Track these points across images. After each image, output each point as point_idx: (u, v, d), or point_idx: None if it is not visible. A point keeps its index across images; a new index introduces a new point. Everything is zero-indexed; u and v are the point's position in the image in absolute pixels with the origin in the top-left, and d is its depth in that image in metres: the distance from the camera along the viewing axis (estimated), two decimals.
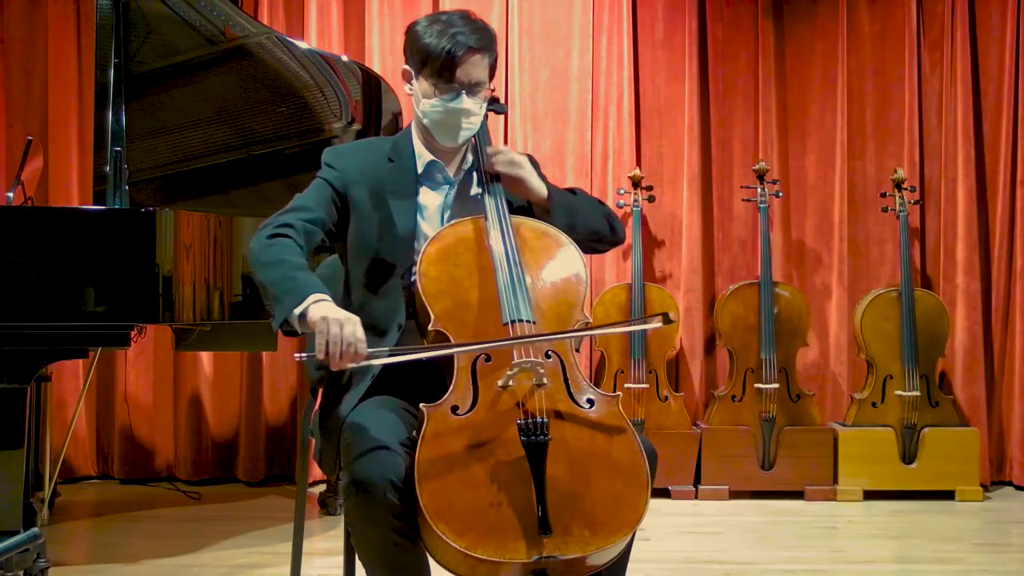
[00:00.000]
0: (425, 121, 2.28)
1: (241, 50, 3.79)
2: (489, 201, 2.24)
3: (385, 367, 2.19)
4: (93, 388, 4.81)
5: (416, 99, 2.29)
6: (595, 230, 2.35)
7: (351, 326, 1.95)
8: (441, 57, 2.19)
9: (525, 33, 4.86)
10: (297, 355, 2.01)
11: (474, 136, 2.33)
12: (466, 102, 2.23)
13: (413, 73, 2.28)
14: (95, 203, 3.39)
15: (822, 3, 4.95)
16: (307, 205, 2.24)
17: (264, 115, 3.90)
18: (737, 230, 4.95)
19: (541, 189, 2.29)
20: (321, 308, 1.98)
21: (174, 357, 4.79)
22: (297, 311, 1.99)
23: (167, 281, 3.07)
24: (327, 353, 1.94)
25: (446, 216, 2.31)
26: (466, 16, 2.26)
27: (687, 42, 4.89)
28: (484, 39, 2.23)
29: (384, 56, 4.79)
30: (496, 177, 2.28)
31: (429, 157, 2.31)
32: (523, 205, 2.34)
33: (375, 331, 2.22)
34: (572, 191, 2.40)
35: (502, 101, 2.63)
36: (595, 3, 4.87)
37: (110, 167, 3.38)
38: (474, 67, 2.21)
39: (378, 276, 2.25)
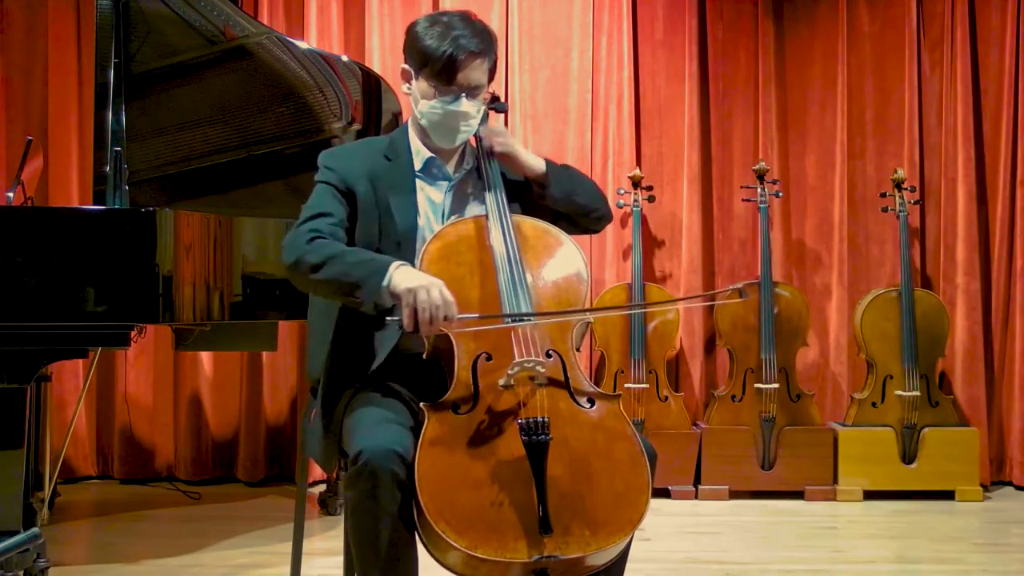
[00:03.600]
0: (423, 122, 2.28)
1: (241, 50, 3.79)
2: (490, 199, 2.24)
3: (381, 367, 2.20)
4: (93, 388, 4.80)
5: (414, 99, 2.29)
6: (591, 198, 2.36)
7: (436, 290, 1.97)
8: (442, 60, 2.19)
9: (525, 34, 4.85)
10: (388, 318, 2.01)
11: (474, 135, 2.33)
12: (465, 105, 2.23)
13: (412, 73, 2.28)
14: (95, 203, 3.39)
15: (822, 3, 4.94)
16: (324, 210, 2.22)
17: (264, 115, 3.90)
18: (737, 230, 4.95)
19: (537, 162, 2.31)
20: (403, 276, 2.00)
21: (174, 357, 4.79)
22: (384, 284, 2.01)
23: (167, 281, 3.07)
24: (416, 323, 1.96)
25: (446, 213, 2.32)
26: (467, 18, 2.25)
27: (687, 42, 4.88)
28: (485, 43, 2.23)
29: (384, 56, 4.79)
30: (491, 154, 2.30)
31: (428, 154, 2.32)
32: (520, 180, 2.35)
33: (376, 325, 2.23)
34: (565, 167, 2.41)
35: (502, 100, 2.63)
36: (595, 3, 4.87)
37: (110, 167, 3.37)
38: (474, 71, 2.22)
39: None
